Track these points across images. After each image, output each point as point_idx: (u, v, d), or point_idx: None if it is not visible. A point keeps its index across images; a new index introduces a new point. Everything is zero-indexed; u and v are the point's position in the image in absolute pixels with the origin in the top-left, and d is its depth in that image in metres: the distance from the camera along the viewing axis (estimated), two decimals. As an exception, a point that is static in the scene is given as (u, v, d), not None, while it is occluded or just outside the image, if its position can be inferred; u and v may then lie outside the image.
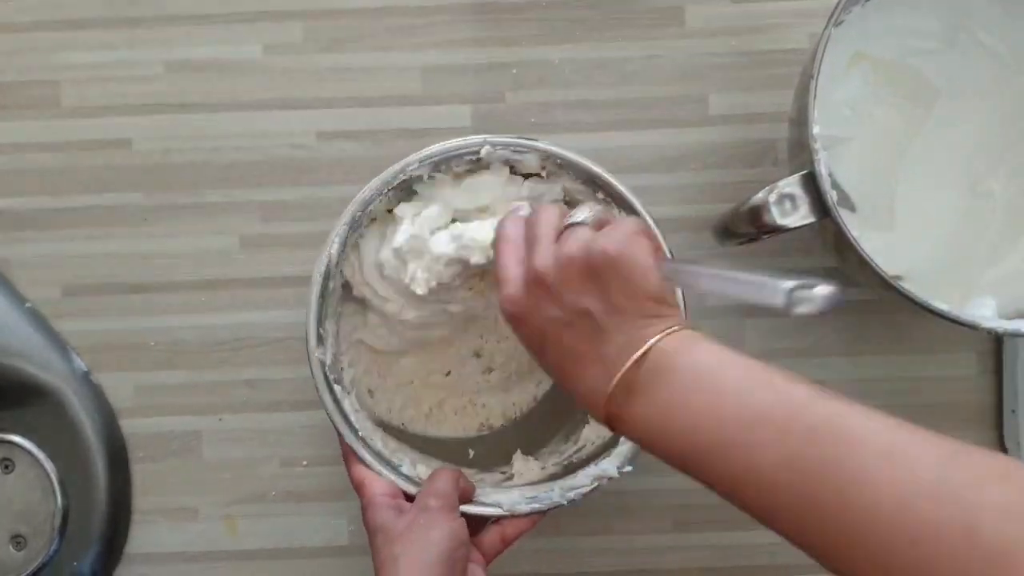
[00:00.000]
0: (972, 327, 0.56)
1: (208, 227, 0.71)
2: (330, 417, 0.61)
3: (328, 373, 0.61)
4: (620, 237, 0.49)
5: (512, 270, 0.52)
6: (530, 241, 0.52)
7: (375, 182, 0.61)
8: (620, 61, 0.70)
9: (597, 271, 0.49)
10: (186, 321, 0.71)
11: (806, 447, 0.41)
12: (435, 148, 0.61)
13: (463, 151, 0.61)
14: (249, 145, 0.71)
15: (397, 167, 0.61)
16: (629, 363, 0.47)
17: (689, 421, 0.45)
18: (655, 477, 0.64)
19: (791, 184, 0.56)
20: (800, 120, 0.57)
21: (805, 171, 0.56)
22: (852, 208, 0.62)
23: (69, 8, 0.71)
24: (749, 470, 0.43)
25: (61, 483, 0.69)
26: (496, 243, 0.55)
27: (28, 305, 0.71)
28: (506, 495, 0.61)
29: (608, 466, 0.60)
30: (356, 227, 0.61)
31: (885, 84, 0.64)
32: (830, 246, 0.61)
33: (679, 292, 0.57)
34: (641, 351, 0.47)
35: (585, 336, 0.49)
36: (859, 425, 0.41)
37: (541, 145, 0.61)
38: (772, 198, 0.55)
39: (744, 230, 0.57)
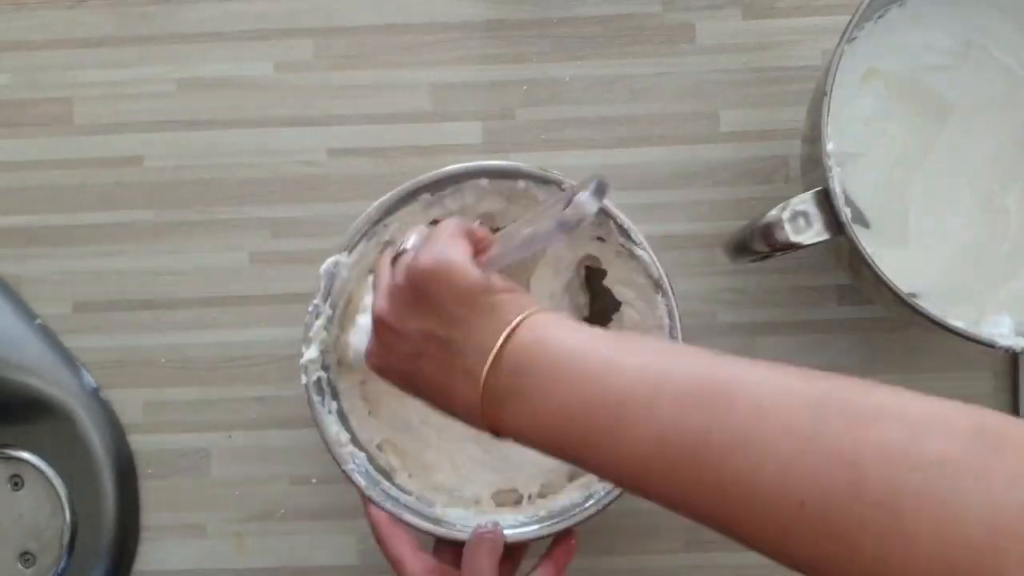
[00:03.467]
0: (989, 345, 0.53)
1: (218, 244, 0.68)
2: (342, 470, 0.59)
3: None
4: (431, 248, 0.47)
5: (372, 326, 0.50)
6: (373, 288, 0.51)
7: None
8: (630, 78, 0.68)
9: (422, 289, 0.46)
10: (196, 338, 0.68)
11: (676, 420, 0.38)
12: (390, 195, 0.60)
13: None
14: (260, 162, 0.68)
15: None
16: (485, 370, 0.43)
17: (558, 414, 0.42)
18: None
19: (805, 201, 0.53)
20: (813, 136, 0.55)
21: (819, 188, 0.53)
22: (866, 225, 0.59)
23: (81, 26, 0.69)
24: (624, 453, 0.39)
25: (70, 500, 0.66)
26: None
27: (38, 321, 0.68)
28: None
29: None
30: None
31: (898, 100, 0.62)
32: (844, 263, 0.59)
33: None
34: (492, 354, 0.43)
35: (441, 358, 0.46)
36: (726, 383, 0.38)
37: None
38: (786, 215, 0.53)
39: (757, 247, 0.54)
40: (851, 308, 0.66)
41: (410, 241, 0.50)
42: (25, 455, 0.66)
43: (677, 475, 0.38)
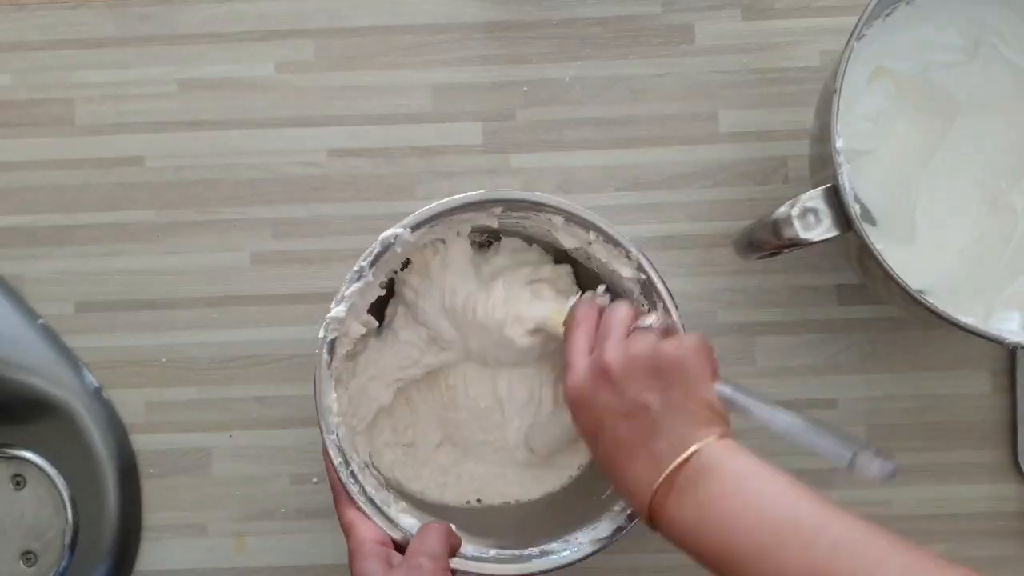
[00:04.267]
0: (997, 341, 0.53)
1: (220, 244, 0.67)
2: (323, 437, 0.56)
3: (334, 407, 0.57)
4: (687, 346, 0.51)
5: (581, 357, 0.53)
6: (603, 334, 0.53)
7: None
8: (630, 79, 0.67)
9: (662, 371, 0.50)
10: (197, 338, 0.67)
11: (829, 561, 0.43)
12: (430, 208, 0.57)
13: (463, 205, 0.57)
14: (261, 163, 0.67)
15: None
16: (678, 461, 0.48)
17: (725, 523, 0.46)
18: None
19: (814, 198, 0.52)
20: (822, 134, 0.54)
21: (828, 185, 0.52)
22: (873, 222, 0.59)
23: (83, 27, 0.68)
24: (779, 573, 0.44)
25: (72, 499, 0.65)
26: (568, 327, 0.56)
27: (41, 321, 0.67)
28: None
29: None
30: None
31: (906, 98, 0.61)
32: (853, 260, 0.58)
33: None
34: (690, 451, 0.48)
35: (639, 430, 0.50)
36: (878, 544, 0.43)
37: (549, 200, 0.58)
38: (795, 212, 0.52)
39: (767, 244, 0.54)
40: (851, 308, 0.66)
41: (651, 320, 0.53)
42: (27, 455, 0.65)
43: None
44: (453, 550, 0.55)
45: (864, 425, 0.65)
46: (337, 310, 0.57)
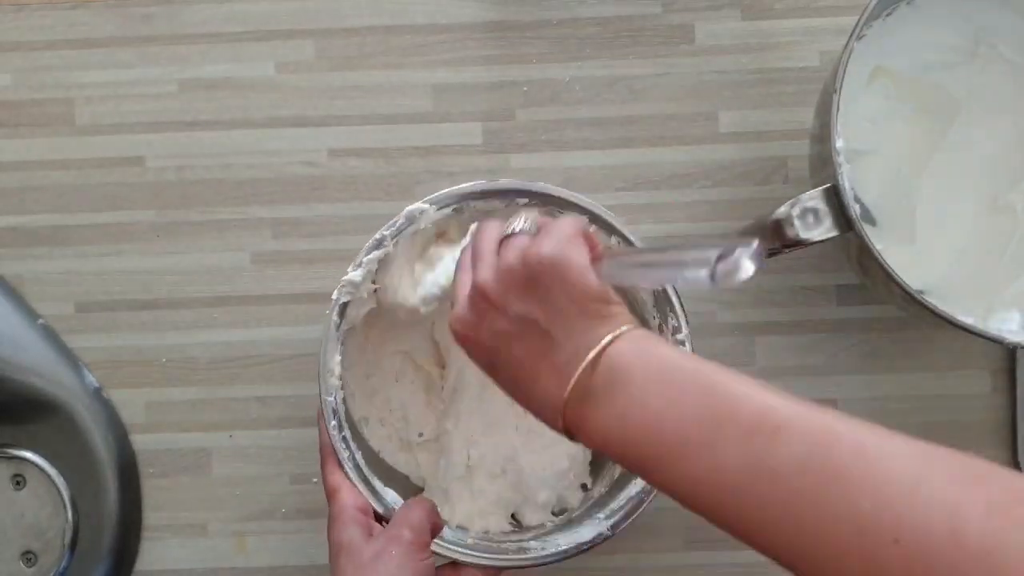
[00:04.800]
0: (997, 341, 0.53)
1: (220, 244, 0.67)
2: (321, 398, 0.56)
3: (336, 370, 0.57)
4: (554, 240, 0.45)
5: (461, 291, 0.49)
6: (475, 257, 0.48)
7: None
8: (630, 78, 0.67)
9: (536, 277, 0.45)
10: (197, 338, 0.67)
11: (774, 447, 0.37)
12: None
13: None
14: (261, 162, 0.67)
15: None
16: (580, 369, 0.43)
17: (649, 423, 0.41)
18: (664, 497, 0.59)
19: (814, 198, 0.52)
20: (822, 134, 0.54)
21: (828, 185, 0.52)
22: (873, 222, 0.58)
23: (83, 27, 0.67)
24: (711, 471, 0.39)
25: (72, 499, 0.65)
26: (456, 270, 0.51)
27: (41, 321, 0.66)
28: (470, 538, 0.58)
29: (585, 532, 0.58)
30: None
31: (906, 98, 0.60)
32: (853, 260, 0.58)
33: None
34: (592, 354, 0.43)
35: (534, 346, 0.45)
36: (827, 424, 0.37)
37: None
38: (795, 212, 0.52)
39: (766, 244, 0.53)
40: (851, 308, 0.65)
41: (520, 223, 0.48)
42: (27, 454, 0.65)
43: (766, 500, 0.37)
44: (435, 529, 0.54)
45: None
46: (353, 274, 0.57)
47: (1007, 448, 0.65)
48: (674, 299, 0.57)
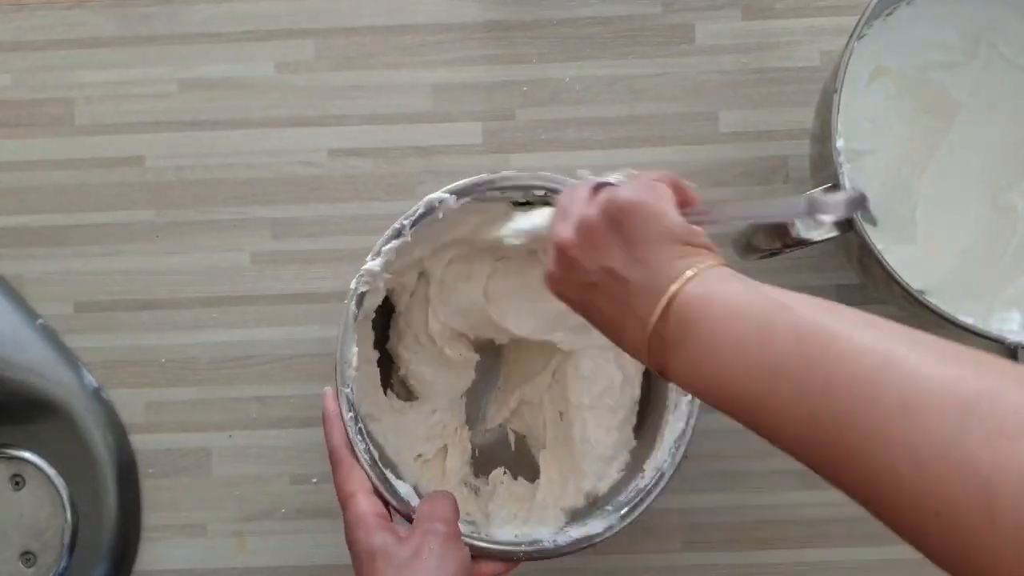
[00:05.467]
0: (998, 341, 0.52)
1: (219, 244, 0.66)
2: (337, 389, 0.55)
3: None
4: (635, 186, 0.44)
5: (552, 247, 0.48)
6: (560, 213, 0.48)
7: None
8: (630, 78, 0.66)
9: (615, 224, 0.44)
10: (197, 338, 0.66)
11: (823, 404, 0.36)
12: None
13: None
14: (260, 162, 0.67)
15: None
16: (654, 318, 0.42)
17: (718, 373, 0.40)
18: (664, 496, 0.58)
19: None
20: (823, 134, 0.54)
21: (828, 184, 0.52)
22: (874, 222, 0.58)
23: (83, 27, 0.67)
24: (779, 425, 0.38)
25: (71, 499, 0.65)
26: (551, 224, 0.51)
27: (40, 321, 0.66)
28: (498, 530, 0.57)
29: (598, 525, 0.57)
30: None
31: (906, 97, 0.60)
32: (854, 260, 0.58)
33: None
34: (663, 302, 0.42)
35: (617, 296, 0.44)
36: (879, 369, 0.35)
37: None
38: None
39: (768, 244, 0.53)
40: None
41: (614, 176, 0.47)
42: (26, 455, 0.64)
43: (827, 455, 0.36)
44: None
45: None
46: (372, 264, 0.56)
47: (1008, 448, 0.65)
48: None
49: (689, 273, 0.42)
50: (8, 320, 0.65)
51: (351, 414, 0.55)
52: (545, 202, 0.58)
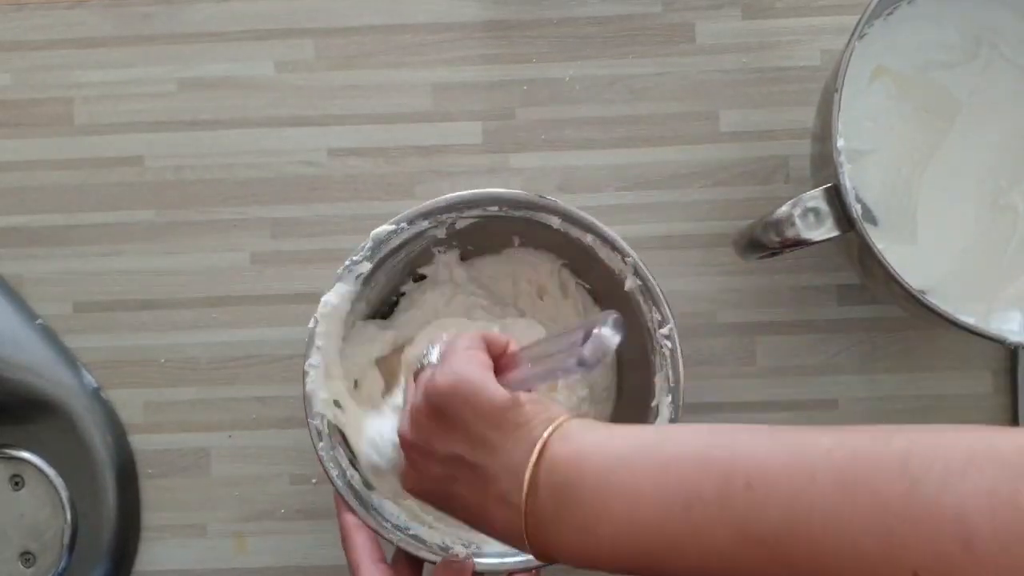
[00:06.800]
0: (998, 341, 0.52)
1: (219, 244, 0.66)
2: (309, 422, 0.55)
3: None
4: (449, 365, 0.42)
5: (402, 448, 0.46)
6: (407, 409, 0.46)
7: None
8: (630, 78, 0.66)
9: (442, 411, 0.41)
10: (196, 338, 0.66)
11: (751, 512, 0.34)
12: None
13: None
14: (260, 162, 0.66)
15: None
16: (524, 497, 0.39)
17: (618, 532, 0.37)
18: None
19: (816, 197, 0.51)
20: (824, 134, 0.53)
21: (829, 184, 0.51)
22: (874, 222, 0.58)
23: (82, 26, 0.67)
24: (704, 557, 0.35)
25: (70, 499, 0.64)
26: None
27: (39, 321, 0.66)
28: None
29: None
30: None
31: (907, 97, 0.60)
32: (855, 260, 0.57)
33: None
34: (526, 479, 0.39)
35: (473, 483, 0.41)
36: (798, 458, 0.33)
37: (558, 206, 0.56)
38: (797, 211, 0.51)
39: (768, 244, 0.53)
40: (851, 308, 0.64)
41: (433, 354, 0.46)
42: (26, 455, 0.64)
43: (768, 559, 0.33)
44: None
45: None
46: (329, 297, 0.56)
47: (1008, 449, 0.64)
48: (658, 292, 0.55)
49: (546, 435, 0.39)
50: (7, 320, 0.64)
51: (322, 443, 0.56)
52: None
